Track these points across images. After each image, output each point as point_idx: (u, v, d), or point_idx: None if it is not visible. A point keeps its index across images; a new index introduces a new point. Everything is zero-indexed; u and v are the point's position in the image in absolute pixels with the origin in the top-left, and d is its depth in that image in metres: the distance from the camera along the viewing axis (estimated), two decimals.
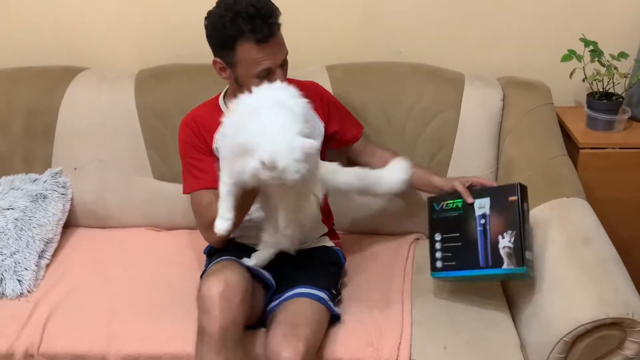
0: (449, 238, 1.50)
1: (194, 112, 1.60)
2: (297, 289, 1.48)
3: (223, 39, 1.42)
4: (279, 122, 1.18)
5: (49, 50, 2.06)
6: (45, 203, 1.82)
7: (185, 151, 1.56)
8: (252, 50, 1.40)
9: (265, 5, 1.41)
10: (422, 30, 1.97)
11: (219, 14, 1.41)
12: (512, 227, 1.39)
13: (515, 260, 1.38)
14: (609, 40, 1.86)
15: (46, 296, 1.64)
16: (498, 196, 1.43)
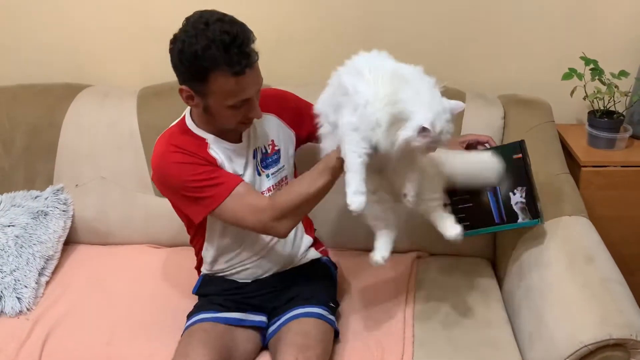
0: (460, 200, 1.55)
1: (170, 141, 1.39)
2: (297, 310, 1.48)
3: (194, 70, 1.27)
4: (426, 87, 1.20)
5: (52, 67, 2.07)
6: (46, 220, 1.82)
7: (187, 173, 1.36)
8: (228, 83, 1.27)
9: (241, 32, 1.26)
10: (423, 48, 1.98)
11: (189, 41, 1.25)
12: (521, 183, 1.46)
13: (529, 213, 1.47)
14: (610, 59, 1.87)
15: (45, 314, 1.63)
16: (502, 156, 1.47)
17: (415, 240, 1.83)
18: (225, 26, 1.25)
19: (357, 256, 1.81)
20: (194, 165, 1.36)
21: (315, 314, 1.46)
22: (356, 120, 1.20)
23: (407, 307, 1.59)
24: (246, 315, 1.49)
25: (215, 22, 1.25)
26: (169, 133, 1.44)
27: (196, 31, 1.25)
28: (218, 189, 1.36)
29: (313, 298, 1.50)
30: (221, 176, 1.38)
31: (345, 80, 1.25)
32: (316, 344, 1.39)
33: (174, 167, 1.36)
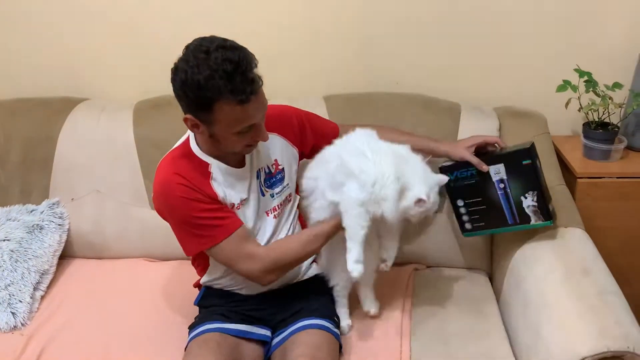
0: (472, 203, 1.59)
1: (174, 169, 1.38)
2: (304, 321, 1.47)
3: (198, 100, 1.26)
4: (419, 164, 1.43)
5: (49, 81, 2.08)
6: (41, 234, 1.81)
7: (190, 209, 1.36)
8: (233, 111, 1.26)
9: (244, 58, 1.25)
10: (419, 61, 1.99)
11: (191, 71, 1.23)
12: (532, 187, 1.49)
13: (542, 215, 1.51)
14: (603, 71, 1.88)
15: (40, 329, 1.62)
16: (512, 161, 1.50)
17: (412, 252, 1.82)
18: (227, 53, 1.24)
19: None
20: (197, 203, 1.36)
21: (323, 327, 1.46)
22: (364, 196, 1.37)
23: (404, 320, 1.59)
24: (251, 327, 1.48)
25: (216, 50, 1.24)
26: (173, 158, 1.41)
27: (197, 60, 1.23)
28: (217, 230, 1.38)
29: (318, 311, 1.50)
30: (222, 217, 1.39)
31: (350, 162, 1.40)
32: (326, 356, 1.39)
33: (177, 201, 1.36)
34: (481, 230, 1.62)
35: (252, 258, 1.40)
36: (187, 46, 1.29)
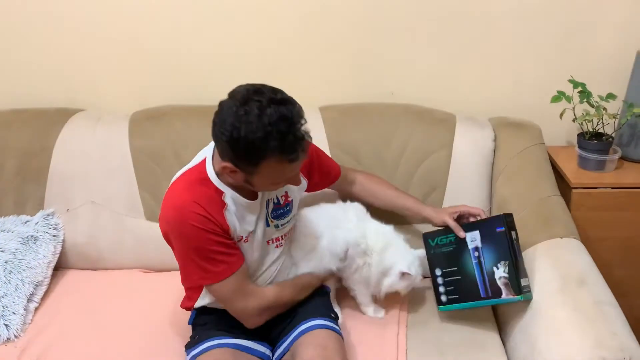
0: (449, 272, 1.57)
1: (192, 196, 1.34)
2: (304, 324, 1.46)
3: (246, 156, 1.24)
4: (401, 242, 1.61)
5: (44, 92, 2.07)
6: (36, 245, 1.80)
7: (203, 239, 1.34)
8: (280, 167, 1.26)
9: (296, 113, 1.24)
10: (414, 71, 2.00)
11: (245, 129, 1.20)
12: (504, 257, 1.45)
13: (512, 289, 1.44)
14: (597, 82, 1.89)
15: (34, 341, 1.61)
16: (487, 228, 1.48)
17: None
18: (281, 109, 1.22)
19: None
20: (211, 234, 1.34)
21: (325, 325, 1.45)
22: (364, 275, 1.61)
23: (399, 332, 1.58)
24: (251, 343, 1.46)
25: (269, 105, 1.21)
26: (190, 183, 1.37)
27: (250, 117, 1.20)
28: (222, 267, 1.38)
29: (315, 311, 1.50)
30: (230, 254, 1.38)
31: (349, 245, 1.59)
32: (335, 354, 1.39)
33: (192, 230, 1.33)
34: (455, 304, 1.56)
35: (251, 295, 1.41)
36: (234, 96, 1.25)
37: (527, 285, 1.45)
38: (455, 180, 1.80)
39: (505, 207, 1.74)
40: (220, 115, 1.25)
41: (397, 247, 1.59)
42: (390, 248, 1.59)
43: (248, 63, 2.02)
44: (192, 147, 1.84)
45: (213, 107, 1.92)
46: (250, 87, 1.26)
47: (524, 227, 1.65)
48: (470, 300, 1.53)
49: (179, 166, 1.83)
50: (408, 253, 1.59)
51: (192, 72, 2.04)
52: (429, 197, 1.81)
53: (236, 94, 1.25)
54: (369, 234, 1.59)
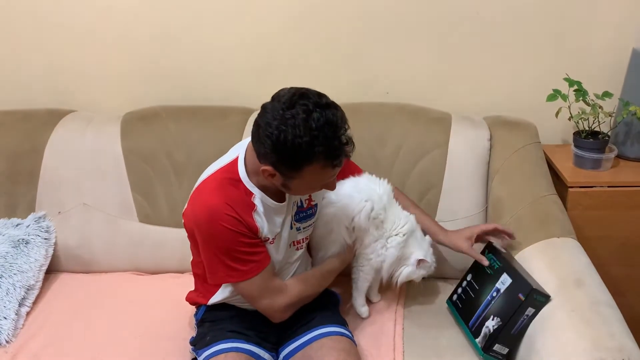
0: (472, 285, 1.57)
1: (224, 197, 1.33)
2: (324, 328, 1.46)
3: (290, 160, 1.23)
4: (419, 232, 1.60)
5: (34, 93, 2.06)
6: (27, 248, 1.78)
7: (232, 240, 1.33)
8: (322, 173, 1.26)
9: (340, 118, 1.23)
10: (409, 70, 1.99)
11: (292, 133, 1.19)
12: (503, 317, 1.43)
13: (484, 343, 1.45)
14: (593, 80, 1.88)
15: (25, 346, 1.58)
16: (516, 284, 1.45)
17: None
18: (327, 113, 1.21)
19: (343, 282, 1.78)
20: (240, 236, 1.34)
21: (344, 334, 1.46)
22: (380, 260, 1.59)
23: (396, 333, 1.57)
24: (261, 351, 1.44)
25: (315, 109, 1.20)
26: (220, 182, 1.36)
27: (296, 121, 1.19)
28: (251, 265, 1.37)
29: (333, 318, 1.50)
30: (258, 253, 1.38)
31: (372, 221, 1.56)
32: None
33: (222, 231, 1.32)
34: (455, 310, 1.60)
35: (278, 292, 1.42)
36: (278, 98, 1.24)
37: (500, 353, 1.43)
38: (451, 180, 1.79)
39: (502, 206, 1.73)
40: (264, 118, 1.23)
41: (416, 235, 1.59)
42: (413, 234, 1.58)
43: (240, 63, 2.00)
44: (184, 147, 1.84)
45: (204, 107, 1.94)
46: (295, 90, 1.25)
47: (520, 226, 1.65)
48: (463, 319, 1.56)
49: (172, 167, 1.83)
50: (424, 241, 1.60)
51: (184, 73, 2.02)
52: (425, 197, 1.80)
53: (281, 97, 1.23)
54: (398, 216, 1.57)
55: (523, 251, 1.57)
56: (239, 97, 1.99)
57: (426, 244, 1.60)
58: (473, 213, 1.79)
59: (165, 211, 1.84)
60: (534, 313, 1.40)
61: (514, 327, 1.41)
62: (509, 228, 1.61)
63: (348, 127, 1.26)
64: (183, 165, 1.84)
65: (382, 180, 1.60)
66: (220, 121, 1.89)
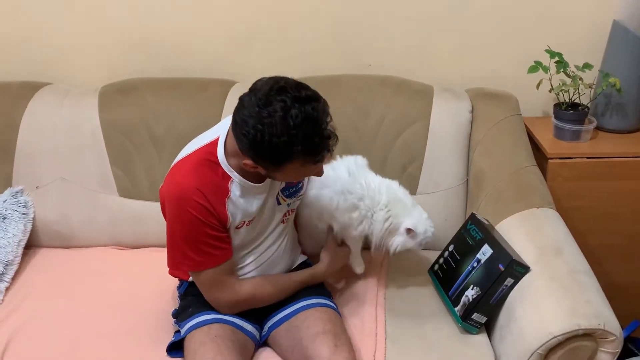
0: (454, 255, 1.58)
1: (196, 182, 1.29)
2: (308, 300, 1.46)
3: (270, 159, 1.20)
4: (409, 200, 1.55)
5: (8, 64, 2.00)
6: (4, 224, 1.75)
7: (196, 230, 1.31)
8: (303, 168, 1.24)
9: (322, 112, 1.18)
10: (391, 43, 1.97)
11: (269, 132, 1.15)
12: (482, 286, 1.44)
13: (463, 312, 1.46)
14: (574, 52, 1.89)
15: (5, 322, 1.57)
16: (496, 256, 1.45)
17: None
18: (307, 109, 1.16)
19: None
20: (206, 227, 1.31)
21: (329, 305, 1.47)
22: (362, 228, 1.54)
23: (378, 303, 1.58)
24: (243, 322, 1.44)
25: (293, 105, 1.15)
26: (197, 163, 1.32)
27: (273, 119, 1.14)
28: (207, 258, 1.35)
29: (316, 289, 1.50)
30: (219, 247, 1.35)
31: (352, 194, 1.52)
32: (342, 331, 1.40)
33: (189, 218, 1.29)
34: (436, 279, 1.61)
35: (227, 289, 1.40)
36: (255, 92, 1.19)
37: (478, 322, 1.45)
38: (433, 152, 1.79)
39: (482, 177, 1.74)
40: (241, 114, 1.19)
41: (404, 203, 1.53)
42: (399, 204, 1.52)
43: (222, 35, 1.97)
44: (164, 121, 1.81)
45: (184, 79, 1.91)
46: (273, 82, 1.19)
47: (501, 197, 1.66)
48: (443, 288, 1.57)
49: (151, 141, 1.81)
50: (415, 209, 1.53)
51: (163, 44, 1.98)
52: (407, 169, 1.80)
53: (258, 91, 1.18)
54: (371, 187, 1.51)
55: (503, 221, 1.59)
56: (219, 69, 1.96)
57: (417, 212, 1.53)
58: (454, 185, 1.80)
59: (146, 185, 1.82)
60: (512, 284, 1.42)
61: (493, 296, 1.43)
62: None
63: (330, 120, 1.21)
64: (163, 139, 1.81)
65: (342, 160, 1.56)
66: (200, 94, 1.86)
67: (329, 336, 1.35)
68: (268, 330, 1.47)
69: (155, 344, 1.46)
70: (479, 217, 1.60)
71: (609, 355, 1.31)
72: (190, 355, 1.35)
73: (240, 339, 1.40)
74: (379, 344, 1.45)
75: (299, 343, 1.37)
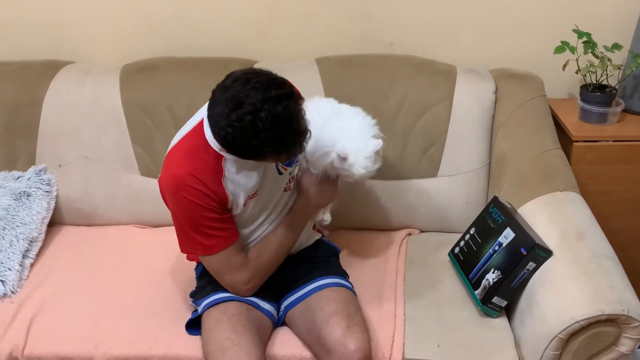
0: (475, 238, 1.57)
1: (188, 168, 1.30)
2: (323, 280, 1.46)
3: (245, 156, 1.24)
4: (358, 124, 1.39)
5: (31, 44, 2.01)
6: (29, 201, 1.77)
7: (196, 214, 1.32)
8: (278, 159, 1.29)
9: (294, 111, 1.18)
10: (414, 22, 1.94)
11: (239, 135, 1.17)
12: (504, 269, 1.43)
13: (483, 295, 1.45)
14: (603, 32, 1.83)
15: (30, 297, 1.60)
16: (518, 239, 1.44)
17: (405, 217, 1.81)
18: (277, 109, 1.16)
19: (346, 235, 1.79)
20: (203, 209, 1.31)
21: (344, 285, 1.47)
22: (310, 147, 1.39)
23: (397, 285, 1.58)
24: (260, 301, 1.45)
25: (263, 107, 1.15)
26: (187, 149, 1.33)
27: (243, 123, 1.15)
28: (214, 241, 1.36)
29: (332, 270, 1.51)
30: (223, 229, 1.36)
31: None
32: (356, 311, 1.40)
33: (186, 203, 1.31)
34: (456, 262, 1.60)
35: (239, 269, 1.41)
36: (225, 90, 1.19)
37: (498, 305, 1.44)
38: (454, 134, 1.76)
39: (505, 160, 1.72)
40: (212, 112, 1.20)
41: (350, 128, 1.38)
42: (340, 125, 1.38)
43: (242, 14, 1.95)
44: (184, 100, 1.81)
45: (205, 59, 1.90)
46: (244, 81, 1.18)
47: (524, 181, 1.64)
48: (463, 271, 1.56)
49: (172, 120, 1.81)
50: (360, 138, 1.36)
51: (183, 24, 1.97)
52: (428, 151, 1.78)
53: (228, 89, 1.18)
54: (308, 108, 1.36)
55: (526, 205, 1.57)
56: (239, 48, 1.94)
57: (360, 142, 1.35)
58: (476, 167, 1.77)
59: None
60: (534, 268, 1.41)
61: (514, 280, 1.42)
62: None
63: (303, 115, 1.21)
64: (183, 118, 1.77)
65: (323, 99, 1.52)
66: (220, 73, 1.79)
67: (342, 316, 1.35)
68: (284, 310, 1.47)
69: (175, 321, 1.48)
70: (501, 201, 1.58)
71: (633, 341, 1.30)
72: (206, 333, 1.38)
73: (256, 317, 1.42)
74: (398, 326, 1.45)
75: (313, 325, 1.38)
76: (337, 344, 1.31)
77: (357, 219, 1.83)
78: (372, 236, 1.80)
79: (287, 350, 1.42)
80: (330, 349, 1.32)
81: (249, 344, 1.32)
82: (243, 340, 1.32)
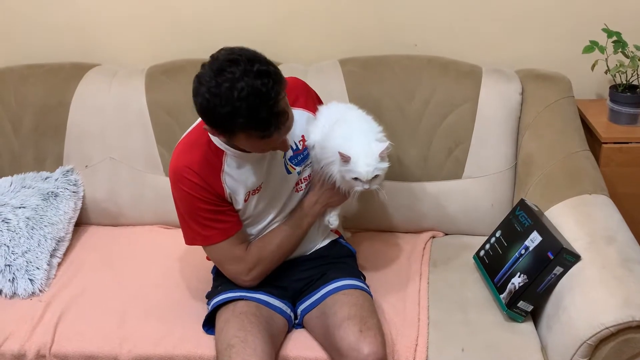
0: (501, 241, 1.55)
1: (186, 160, 1.35)
2: (337, 282, 1.46)
3: (219, 127, 1.23)
4: (361, 128, 1.39)
5: (59, 46, 2.05)
6: (56, 201, 1.81)
7: (193, 206, 1.37)
8: (255, 141, 1.25)
9: (272, 88, 1.17)
10: (438, 22, 1.92)
11: (213, 101, 1.17)
12: (530, 274, 1.41)
13: (509, 299, 1.43)
14: (634, 31, 1.79)
15: (58, 295, 1.63)
16: (545, 243, 1.42)
17: (429, 220, 1.80)
18: (255, 82, 1.16)
19: (369, 238, 1.78)
20: (202, 202, 1.36)
21: (358, 286, 1.46)
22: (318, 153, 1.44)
23: (421, 288, 1.57)
24: (273, 299, 1.46)
25: (242, 78, 1.15)
26: (189, 145, 1.38)
27: (220, 89, 1.16)
28: (214, 232, 1.40)
29: (346, 271, 1.50)
30: (223, 221, 1.39)
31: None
32: (370, 314, 1.39)
33: (183, 195, 1.36)
34: (481, 265, 1.58)
35: (239, 260, 1.43)
36: (212, 62, 1.20)
37: (524, 310, 1.42)
38: (480, 135, 1.74)
39: (532, 162, 1.69)
40: (196, 81, 1.21)
41: (351, 131, 1.38)
42: (342, 130, 1.37)
43: (266, 15, 1.96)
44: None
45: None
46: (229, 54, 1.20)
47: (551, 183, 1.61)
48: (488, 274, 1.54)
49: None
50: (365, 143, 1.35)
51: (208, 26, 1.99)
52: (453, 152, 1.76)
53: (214, 61, 1.20)
54: (321, 114, 1.45)
55: (553, 208, 1.54)
56: (263, 50, 1.91)
57: (366, 147, 1.34)
58: (502, 169, 1.75)
59: None
60: (562, 272, 1.38)
61: (541, 285, 1.39)
62: None
63: (283, 96, 1.20)
64: None
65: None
66: None
67: (354, 321, 1.35)
68: (301, 314, 1.47)
69: (199, 321, 1.48)
70: (528, 203, 1.55)
71: None
72: (217, 333, 1.40)
73: (265, 314, 1.42)
74: (422, 330, 1.44)
75: (327, 330, 1.38)
76: (350, 349, 1.30)
77: (380, 221, 1.82)
78: (396, 238, 1.79)
79: (302, 352, 1.42)
80: (344, 354, 1.31)
81: (256, 340, 1.32)
82: (250, 337, 1.33)
